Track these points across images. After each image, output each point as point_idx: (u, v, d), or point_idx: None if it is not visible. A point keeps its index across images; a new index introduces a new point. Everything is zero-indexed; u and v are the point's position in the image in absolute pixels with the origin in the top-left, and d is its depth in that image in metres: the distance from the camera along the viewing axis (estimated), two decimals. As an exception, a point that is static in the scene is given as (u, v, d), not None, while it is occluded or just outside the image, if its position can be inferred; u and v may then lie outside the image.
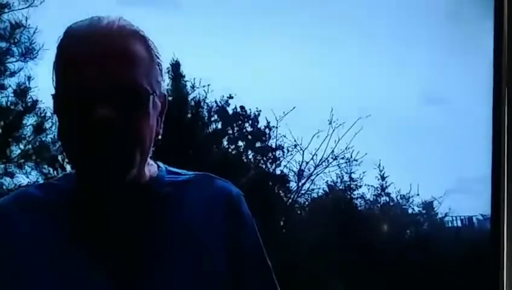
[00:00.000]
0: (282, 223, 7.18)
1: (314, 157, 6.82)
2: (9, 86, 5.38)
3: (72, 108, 0.79)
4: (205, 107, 6.72)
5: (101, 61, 0.79)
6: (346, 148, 6.68)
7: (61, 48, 0.83)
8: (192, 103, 6.60)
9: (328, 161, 6.76)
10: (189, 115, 6.54)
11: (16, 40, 5.36)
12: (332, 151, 6.74)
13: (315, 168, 6.82)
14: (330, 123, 6.63)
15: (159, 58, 0.86)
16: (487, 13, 1.35)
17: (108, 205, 0.84)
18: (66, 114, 0.81)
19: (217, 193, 0.90)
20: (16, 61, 5.42)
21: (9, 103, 5.40)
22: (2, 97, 5.38)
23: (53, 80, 0.83)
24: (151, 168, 0.89)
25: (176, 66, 6.49)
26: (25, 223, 0.84)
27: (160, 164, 0.92)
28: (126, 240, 0.83)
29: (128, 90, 0.79)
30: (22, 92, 5.38)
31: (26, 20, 5.28)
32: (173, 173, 0.91)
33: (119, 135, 0.79)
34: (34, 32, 5.30)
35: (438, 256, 5.96)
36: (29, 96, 5.38)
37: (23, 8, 5.35)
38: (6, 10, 5.39)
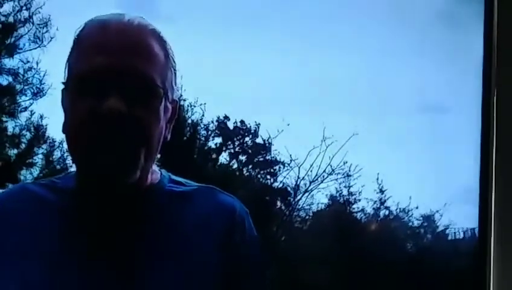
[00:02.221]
0: (283, 238, 7.15)
1: (310, 172, 6.80)
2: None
3: (82, 96, 0.79)
4: (202, 125, 6.74)
5: (117, 51, 0.78)
6: (344, 162, 6.66)
7: (79, 37, 0.83)
8: (190, 121, 6.63)
9: (323, 176, 6.75)
10: (188, 134, 6.57)
11: (28, 82, 5.60)
12: (328, 165, 6.72)
13: (310, 183, 6.80)
14: (324, 140, 6.62)
15: (174, 62, 0.87)
16: (477, 17, 1.34)
17: (105, 207, 0.83)
18: (74, 103, 0.80)
19: (220, 207, 0.89)
20: (28, 99, 5.70)
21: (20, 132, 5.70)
22: (15, 126, 5.65)
23: (65, 71, 0.83)
24: (154, 175, 0.88)
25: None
26: (22, 215, 0.84)
27: (164, 172, 0.91)
28: (120, 244, 0.82)
29: (141, 84, 0.79)
30: (35, 128, 5.66)
31: (37, 64, 5.46)
32: (176, 182, 0.91)
33: (126, 129, 0.77)
34: (44, 75, 5.45)
35: (439, 268, 5.93)
36: (41, 131, 5.60)
37: (33, 49, 5.50)
38: (18, 51, 5.57)
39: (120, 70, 0.77)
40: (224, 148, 6.99)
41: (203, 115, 6.68)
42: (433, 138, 5.83)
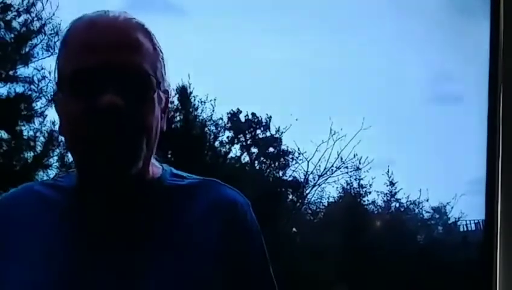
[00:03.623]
0: (294, 230, 7.16)
1: (319, 166, 6.80)
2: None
3: (77, 96, 0.78)
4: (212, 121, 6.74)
5: (106, 47, 0.78)
6: (354, 155, 6.65)
7: (67, 37, 0.82)
8: (203, 116, 6.65)
9: (331, 170, 6.74)
10: (198, 130, 6.59)
11: (43, 91, 5.81)
12: (337, 159, 6.71)
13: (319, 177, 6.80)
14: (334, 134, 6.61)
15: (162, 53, 0.85)
16: (483, 11, 1.34)
17: (107, 203, 0.83)
18: (70, 103, 0.79)
19: (223, 200, 0.87)
20: (44, 106, 5.88)
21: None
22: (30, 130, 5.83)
23: (55, 72, 0.82)
24: (156, 169, 0.87)
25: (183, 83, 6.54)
26: (27, 215, 0.84)
27: (165, 166, 0.90)
28: (122, 239, 0.82)
29: (135, 76, 0.79)
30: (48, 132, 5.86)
31: (50, 74, 5.59)
32: (178, 175, 0.89)
33: (125, 122, 0.77)
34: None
35: (450, 261, 5.90)
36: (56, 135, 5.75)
37: (46, 57, 5.72)
38: (32, 60, 5.76)
39: (111, 65, 0.77)
40: (236, 141, 7.00)
41: (213, 111, 6.70)
42: (443, 129, 5.80)
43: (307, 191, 6.87)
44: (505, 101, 1.28)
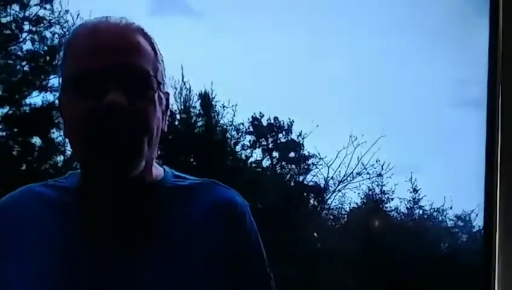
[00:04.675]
0: (315, 235, 7.13)
1: (339, 172, 6.76)
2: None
3: (81, 97, 0.80)
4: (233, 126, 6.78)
5: (109, 50, 0.81)
6: (376, 161, 6.59)
7: (70, 43, 0.85)
8: (225, 121, 6.70)
9: (352, 176, 6.69)
10: (220, 135, 6.64)
11: None
12: (357, 165, 6.66)
13: (339, 183, 6.76)
14: (355, 139, 6.56)
15: (161, 55, 0.88)
16: (482, 10, 1.31)
17: (110, 203, 0.84)
18: (74, 105, 0.81)
19: (221, 200, 0.89)
20: None
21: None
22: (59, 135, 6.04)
23: (59, 78, 0.86)
24: (157, 171, 0.89)
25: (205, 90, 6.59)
26: (28, 216, 0.85)
27: (167, 168, 0.92)
28: (123, 239, 0.83)
29: (137, 76, 0.81)
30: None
31: None
32: (179, 177, 0.91)
33: (128, 121, 0.79)
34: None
35: (474, 269, 5.78)
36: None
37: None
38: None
39: (114, 66, 0.80)
40: (257, 145, 7.02)
41: (234, 116, 6.73)
42: (466, 135, 5.69)
43: (328, 197, 6.84)
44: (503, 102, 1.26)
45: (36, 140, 5.90)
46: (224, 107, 6.66)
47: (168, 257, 0.83)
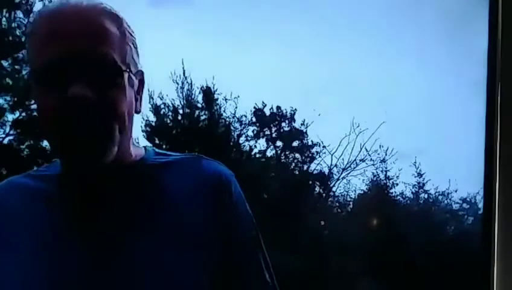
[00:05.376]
0: (322, 223, 7.14)
1: (344, 158, 6.76)
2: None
3: (46, 87, 0.78)
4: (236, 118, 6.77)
5: (71, 37, 0.77)
6: (379, 146, 6.59)
7: (32, 30, 0.82)
8: (228, 114, 6.69)
9: (355, 163, 6.69)
10: (223, 128, 6.63)
11: None
12: (360, 150, 6.66)
13: (342, 171, 6.76)
14: (357, 126, 6.55)
15: (132, 35, 0.84)
16: (481, 12, 1.32)
17: (91, 187, 0.83)
18: (40, 95, 0.79)
19: (206, 173, 0.87)
20: None
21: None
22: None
23: (27, 65, 0.84)
24: (138, 150, 0.87)
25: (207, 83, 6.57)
26: (12, 208, 0.84)
27: (149, 147, 0.90)
28: (110, 220, 0.82)
29: (100, 65, 0.78)
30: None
31: None
32: (161, 154, 0.89)
33: (93, 112, 0.77)
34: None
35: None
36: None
37: None
38: None
39: (77, 54, 0.76)
40: (261, 135, 7.02)
41: (236, 108, 6.71)
42: (470, 117, 5.67)
43: (332, 184, 6.85)
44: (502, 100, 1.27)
45: (46, 144, 5.91)
46: (226, 99, 6.66)
47: (155, 235, 0.81)
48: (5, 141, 6.07)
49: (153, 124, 6.55)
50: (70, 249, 0.80)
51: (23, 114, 5.85)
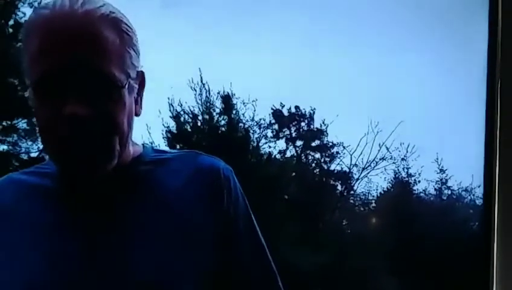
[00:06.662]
0: (345, 222, 7.13)
1: (363, 158, 6.75)
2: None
3: (44, 101, 0.76)
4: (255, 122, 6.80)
5: (67, 50, 0.74)
6: (400, 144, 6.56)
7: (26, 40, 0.79)
8: (247, 117, 6.74)
9: (375, 162, 6.67)
10: (242, 132, 6.69)
11: None
12: (380, 149, 6.64)
13: (362, 170, 6.74)
14: (376, 125, 6.54)
15: (131, 35, 0.80)
16: (481, 12, 1.34)
17: (90, 186, 0.82)
18: (39, 107, 0.77)
19: (203, 167, 0.86)
20: None
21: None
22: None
23: (25, 74, 0.79)
24: (135, 148, 0.86)
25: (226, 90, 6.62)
26: (11, 203, 0.84)
27: (146, 144, 0.89)
28: (107, 218, 0.81)
29: (98, 80, 0.75)
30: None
31: None
32: (159, 151, 0.88)
33: (92, 130, 0.75)
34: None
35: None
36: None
37: None
38: None
39: (72, 68, 0.73)
40: (281, 135, 7.04)
41: (254, 111, 6.74)
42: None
43: (353, 183, 6.84)
44: (502, 100, 1.28)
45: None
46: (244, 103, 6.71)
47: (153, 232, 0.80)
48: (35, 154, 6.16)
49: (174, 130, 6.66)
50: (67, 246, 0.79)
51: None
